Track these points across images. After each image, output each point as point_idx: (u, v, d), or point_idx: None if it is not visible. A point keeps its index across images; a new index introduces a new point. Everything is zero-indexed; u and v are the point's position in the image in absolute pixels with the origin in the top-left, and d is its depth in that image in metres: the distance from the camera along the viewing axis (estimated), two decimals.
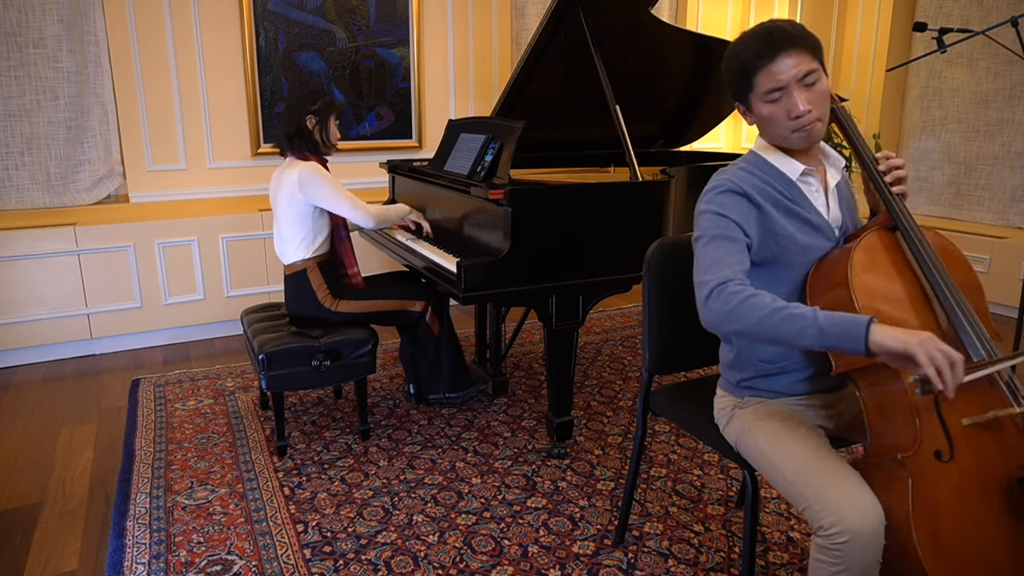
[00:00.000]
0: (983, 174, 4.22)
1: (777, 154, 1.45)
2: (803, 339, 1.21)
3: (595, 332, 3.84)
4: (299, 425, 2.73)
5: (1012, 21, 2.65)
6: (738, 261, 1.35)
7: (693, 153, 3.75)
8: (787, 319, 1.22)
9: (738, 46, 1.39)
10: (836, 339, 1.18)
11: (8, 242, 3.20)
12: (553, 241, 2.30)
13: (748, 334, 1.27)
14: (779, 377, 1.51)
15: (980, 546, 1.23)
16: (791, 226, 1.42)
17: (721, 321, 1.29)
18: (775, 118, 1.38)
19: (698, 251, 1.39)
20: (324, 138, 2.57)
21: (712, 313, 1.31)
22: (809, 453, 1.38)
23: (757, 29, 1.38)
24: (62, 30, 3.40)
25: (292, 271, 2.58)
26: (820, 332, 1.19)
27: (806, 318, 1.20)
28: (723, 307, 1.28)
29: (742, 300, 1.26)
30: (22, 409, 2.91)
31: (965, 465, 1.25)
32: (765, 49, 1.34)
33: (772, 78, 1.34)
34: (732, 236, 1.37)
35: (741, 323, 1.26)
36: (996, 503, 1.25)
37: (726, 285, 1.30)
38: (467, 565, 1.92)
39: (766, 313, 1.23)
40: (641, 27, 2.84)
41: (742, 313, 1.26)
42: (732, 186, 1.41)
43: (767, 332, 1.24)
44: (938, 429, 1.25)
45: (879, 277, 1.35)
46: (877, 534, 1.23)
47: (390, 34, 4.13)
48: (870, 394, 1.33)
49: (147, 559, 1.94)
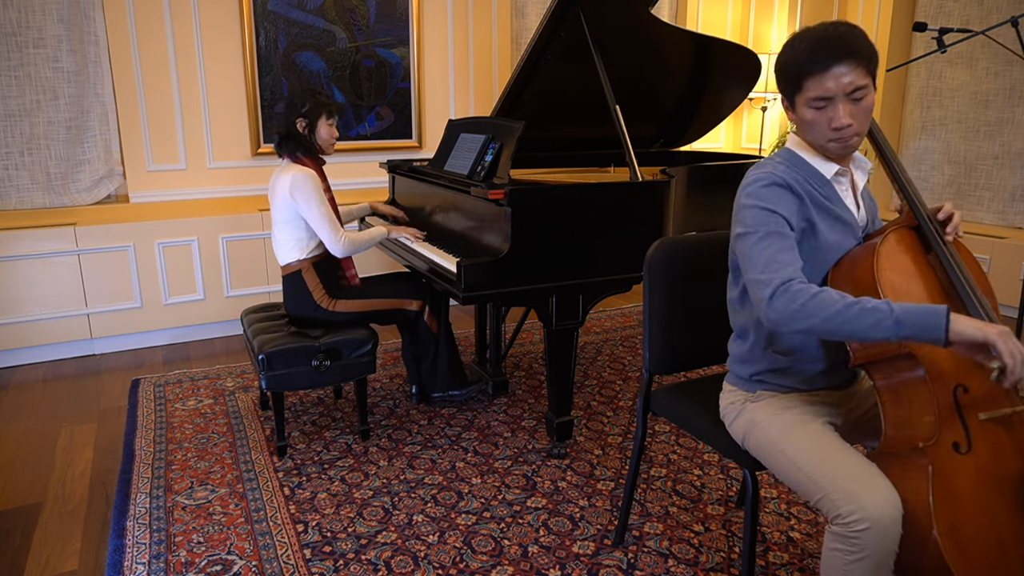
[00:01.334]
0: (983, 174, 4.22)
1: (812, 153, 1.46)
2: (879, 332, 1.21)
3: (595, 332, 3.84)
4: (299, 425, 2.73)
5: (1012, 21, 2.65)
6: (794, 259, 1.34)
7: (693, 153, 3.75)
8: (861, 313, 1.22)
9: (797, 43, 1.36)
10: (914, 328, 1.19)
11: (8, 242, 3.20)
12: (553, 241, 2.30)
13: (817, 331, 1.27)
14: (792, 371, 1.52)
15: (994, 539, 1.25)
16: (825, 222, 1.43)
17: (789, 320, 1.28)
18: (816, 124, 1.38)
19: (748, 248, 1.37)
20: (316, 136, 2.54)
21: (778, 312, 1.29)
22: (824, 443, 1.39)
23: (819, 31, 1.34)
24: (62, 30, 3.40)
25: (288, 271, 2.58)
26: (897, 323, 1.19)
27: (881, 311, 1.21)
28: (790, 305, 1.28)
29: (810, 297, 1.26)
30: (22, 409, 2.91)
31: (982, 459, 1.27)
32: (821, 55, 1.32)
33: (821, 86, 1.33)
34: (783, 232, 1.36)
35: (811, 321, 1.26)
36: (1009, 497, 1.27)
37: (790, 283, 1.29)
38: (467, 565, 1.92)
39: (838, 309, 1.24)
40: (641, 27, 2.84)
41: (811, 311, 1.26)
42: (776, 179, 1.40)
43: (840, 328, 1.24)
44: (956, 421, 1.27)
45: (902, 275, 1.37)
46: (896, 521, 1.24)
47: (390, 34, 4.13)
48: (887, 385, 1.35)
49: (147, 559, 1.94)
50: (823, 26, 1.36)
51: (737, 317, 1.59)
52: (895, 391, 1.34)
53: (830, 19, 4.73)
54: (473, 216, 2.49)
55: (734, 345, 1.62)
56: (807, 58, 1.33)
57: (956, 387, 1.30)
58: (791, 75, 1.37)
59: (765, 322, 1.33)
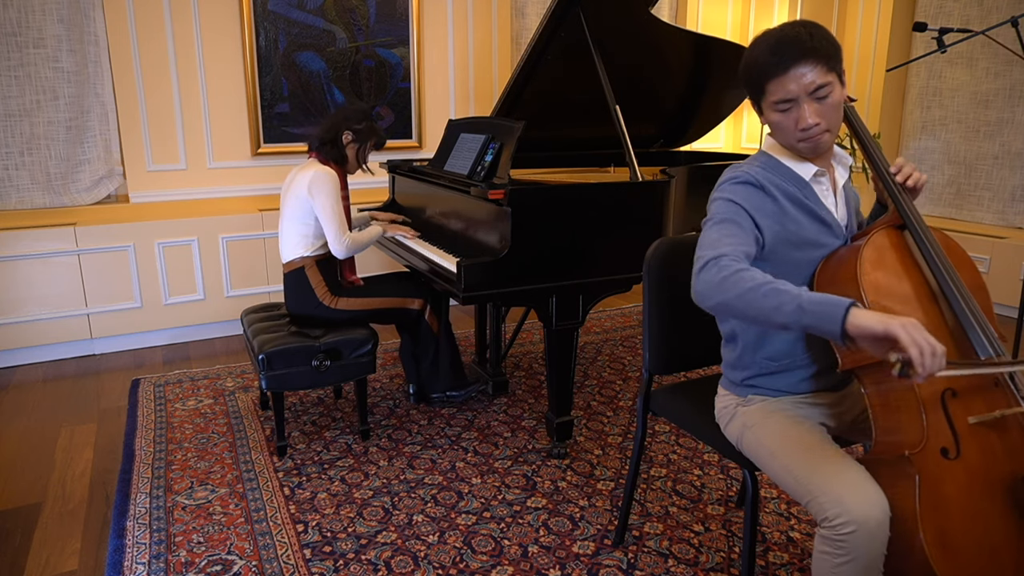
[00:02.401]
0: (983, 174, 4.22)
1: (789, 155, 1.46)
2: (781, 315, 1.18)
3: (595, 332, 3.84)
4: (299, 425, 2.73)
5: (1012, 21, 2.65)
6: (740, 242, 1.33)
7: (693, 153, 3.75)
8: (770, 293, 1.20)
9: (754, 50, 1.37)
10: (814, 317, 1.15)
11: (8, 242, 3.20)
12: (553, 241, 2.30)
13: (732, 307, 1.25)
14: (782, 375, 1.51)
15: (985, 544, 1.23)
16: (805, 222, 1.43)
17: (708, 292, 1.28)
18: (783, 126, 1.39)
19: (703, 233, 1.38)
20: (356, 156, 2.64)
21: (701, 283, 1.29)
22: (814, 447, 1.39)
23: (774, 35, 1.35)
24: (62, 30, 3.40)
25: (290, 268, 2.58)
26: (799, 308, 1.16)
27: (789, 294, 1.18)
28: (712, 279, 1.27)
29: (732, 272, 1.25)
30: (22, 409, 2.91)
31: (971, 463, 1.25)
32: (777, 59, 1.32)
33: (783, 88, 1.33)
34: (739, 222, 1.37)
35: (726, 295, 1.25)
36: (1001, 501, 1.26)
37: (720, 259, 1.29)
38: (467, 565, 1.92)
39: (752, 286, 1.22)
40: (641, 27, 2.84)
41: (729, 285, 1.24)
42: (749, 178, 1.41)
43: (749, 305, 1.22)
44: (944, 426, 1.26)
45: (888, 275, 1.36)
46: (883, 524, 1.23)
47: (390, 34, 4.13)
48: (876, 391, 1.34)
49: (147, 559, 1.94)
50: (781, 28, 1.36)
51: (723, 321, 1.60)
52: (884, 396, 1.33)
53: (830, 19, 4.75)
54: (473, 216, 2.49)
55: (725, 350, 1.62)
56: (767, 61, 1.34)
57: (944, 391, 1.28)
58: (753, 79, 1.38)
59: (693, 296, 1.32)
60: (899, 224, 1.43)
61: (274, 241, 3.70)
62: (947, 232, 1.41)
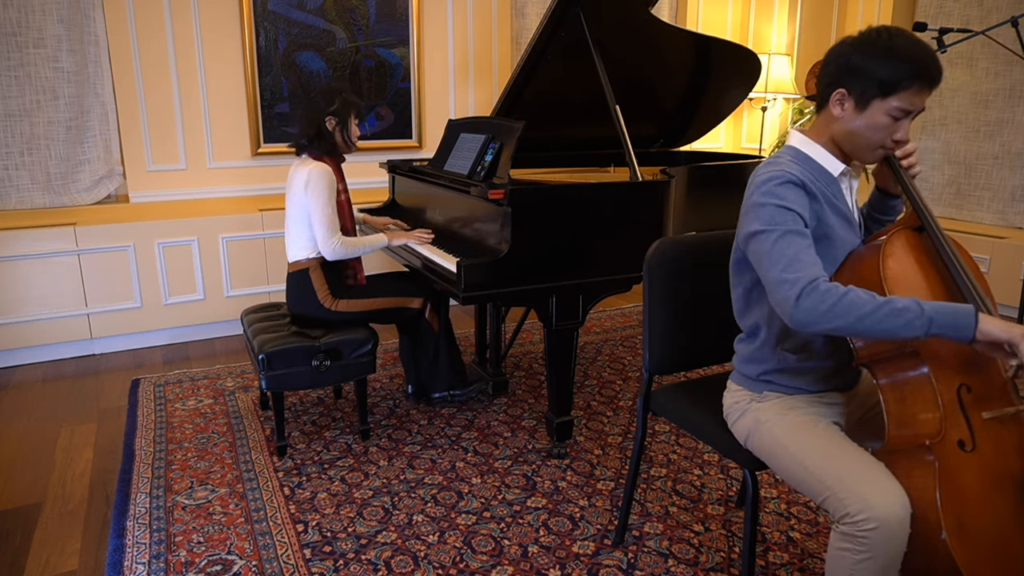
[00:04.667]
0: (983, 174, 4.22)
1: (819, 150, 1.45)
2: (910, 331, 1.24)
3: (595, 332, 3.84)
4: (299, 425, 2.73)
5: (1012, 21, 2.65)
6: (815, 258, 1.35)
7: (693, 153, 3.75)
8: (893, 313, 1.24)
9: (900, 50, 1.33)
10: (943, 328, 1.22)
11: (8, 242, 3.20)
12: (553, 241, 2.30)
13: (845, 330, 1.28)
14: (799, 372, 1.52)
15: (1000, 537, 1.25)
16: (835, 220, 1.44)
17: (818, 319, 1.28)
18: (875, 129, 1.38)
19: (768, 246, 1.35)
20: (345, 138, 2.57)
21: (806, 312, 1.28)
22: (833, 444, 1.40)
23: (925, 50, 1.33)
24: (62, 30, 3.40)
25: (295, 269, 2.58)
26: (929, 322, 1.22)
27: (912, 311, 1.23)
28: (819, 306, 1.27)
29: (839, 298, 1.27)
30: (22, 409, 2.91)
31: (986, 457, 1.28)
32: (928, 75, 1.33)
33: (911, 102, 1.34)
34: (801, 231, 1.36)
35: (840, 320, 1.26)
36: (1012, 496, 1.28)
37: (817, 283, 1.29)
38: (467, 565, 1.92)
39: (868, 311, 1.25)
40: (641, 27, 2.84)
41: (840, 312, 1.26)
42: (791, 177, 1.38)
43: (869, 329, 1.25)
44: (961, 420, 1.28)
45: (908, 275, 1.37)
46: (904, 522, 1.24)
47: (390, 34, 4.13)
48: (890, 384, 1.36)
49: (147, 559, 1.94)
50: (920, 45, 1.34)
51: (745, 316, 1.59)
52: (898, 389, 1.34)
53: (830, 19, 4.75)
54: (473, 216, 2.49)
55: (741, 344, 1.62)
56: (911, 71, 1.32)
57: (960, 386, 1.30)
58: (884, 76, 1.33)
59: (790, 323, 1.31)
60: (916, 226, 1.45)
61: (274, 241, 3.70)
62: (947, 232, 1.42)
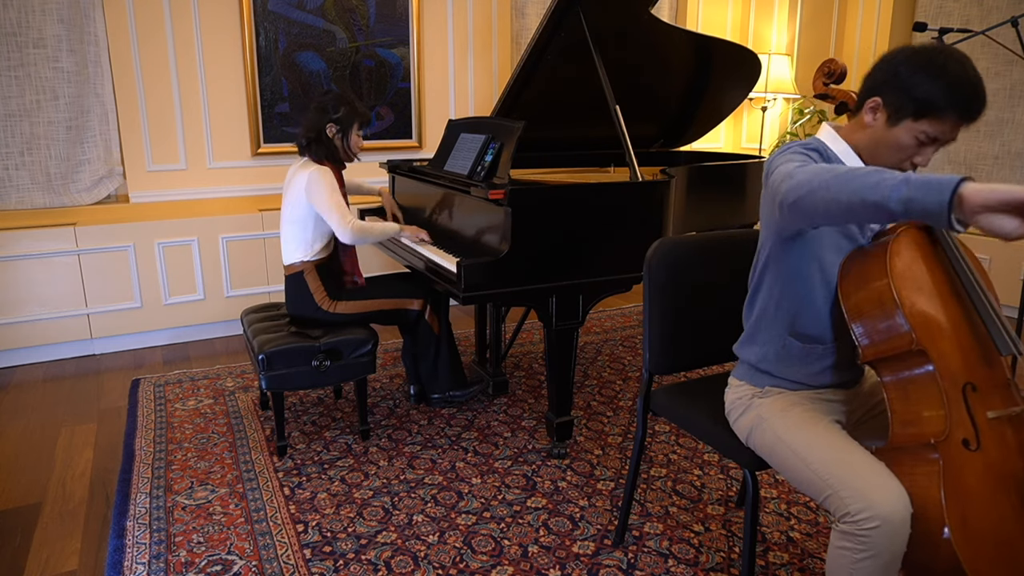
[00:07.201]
0: (983, 174, 4.22)
1: (844, 147, 1.46)
2: (883, 188, 1.10)
3: (595, 332, 3.84)
4: (299, 425, 2.73)
5: (1012, 21, 2.65)
6: None
7: (693, 153, 3.75)
8: (871, 171, 1.15)
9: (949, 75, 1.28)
10: (920, 189, 1.06)
11: (8, 242, 3.20)
12: (553, 241, 2.30)
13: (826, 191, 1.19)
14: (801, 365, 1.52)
15: (1003, 536, 1.25)
16: None
17: (801, 184, 1.23)
18: (900, 146, 1.37)
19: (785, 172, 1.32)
20: (345, 148, 2.57)
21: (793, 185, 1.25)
22: (833, 440, 1.40)
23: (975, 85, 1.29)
24: (62, 30, 3.40)
25: (290, 272, 2.58)
26: (905, 180, 1.08)
27: (891, 171, 1.13)
28: (804, 176, 1.24)
29: (823, 168, 1.22)
30: (22, 409, 2.91)
31: (990, 456, 1.28)
32: (965, 109, 1.29)
33: (940, 130, 1.32)
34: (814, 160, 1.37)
35: (820, 178, 1.20)
36: (1015, 496, 1.28)
37: (806, 163, 1.30)
38: (467, 565, 1.92)
39: (848, 168, 1.18)
40: (641, 27, 2.84)
41: (822, 171, 1.21)
42: (818, 145, 1.44)
43: (845, 184, 1.16)
44: (966, 418, 1.29)
45: (915, 271, 1.38)
46: (906, 521, 1.24)
47: (390, 34, 4.13)
48: (895, 381, 1.36)
49: (147, 559, 1.94)
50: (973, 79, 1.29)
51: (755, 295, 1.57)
52: (903, 387, 1.35)
53: (830, 19, 4.75)
54: (473, 216, 2.49)
55: (748, 324, 1.60)
56: (950, 99, 1.28)
57: (965, 384, 1.31)
58: (923, 95, 1.30)
59: (785, 202, 1.28)
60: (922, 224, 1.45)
61: (274, 241, 3.70)
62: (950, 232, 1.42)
